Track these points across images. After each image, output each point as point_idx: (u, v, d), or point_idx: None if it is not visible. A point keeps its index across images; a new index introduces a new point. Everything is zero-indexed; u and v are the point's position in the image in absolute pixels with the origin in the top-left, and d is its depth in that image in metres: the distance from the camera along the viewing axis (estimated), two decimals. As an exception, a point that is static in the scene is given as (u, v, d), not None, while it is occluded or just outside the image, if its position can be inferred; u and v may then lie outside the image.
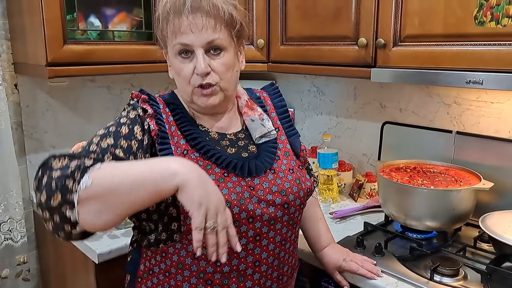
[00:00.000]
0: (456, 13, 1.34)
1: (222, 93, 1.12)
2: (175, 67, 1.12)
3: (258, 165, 1.13)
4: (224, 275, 1.09)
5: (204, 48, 1.07)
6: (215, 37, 1.07)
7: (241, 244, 1.05)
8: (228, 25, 1.09)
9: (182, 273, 1.10)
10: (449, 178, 1.61)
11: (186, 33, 1.05)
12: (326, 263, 1.40)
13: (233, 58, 1.13)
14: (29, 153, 1.98)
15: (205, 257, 1.06)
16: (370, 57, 1.56)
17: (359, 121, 2.11)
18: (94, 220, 0.86)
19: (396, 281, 1.34)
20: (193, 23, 1.05)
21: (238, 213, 1.05)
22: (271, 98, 1.32)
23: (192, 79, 1.09)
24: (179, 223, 1.05)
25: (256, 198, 1.09)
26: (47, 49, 1.61)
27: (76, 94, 2.08)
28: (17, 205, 1.84)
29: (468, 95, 1.72)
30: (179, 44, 1.07)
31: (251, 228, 1.08)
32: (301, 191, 1.17)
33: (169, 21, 1.07)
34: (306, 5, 1.74)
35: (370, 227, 1.65)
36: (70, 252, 1.74)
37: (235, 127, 1.22)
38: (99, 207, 0.85)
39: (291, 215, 1.15)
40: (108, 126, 1.07)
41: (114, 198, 0.86)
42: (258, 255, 1.11)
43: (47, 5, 1.58)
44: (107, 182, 0.85)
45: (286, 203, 1.13)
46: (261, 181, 1.12)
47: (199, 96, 1.11)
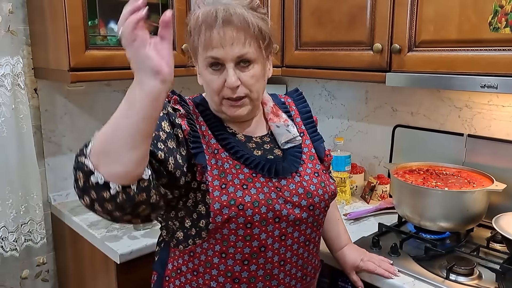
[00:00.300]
0: (471, 19, 1.38)
1: (251, 104, 1.16)
2: (205, 78, 1.15)
3: (285, 167, 1.17)
4: (251, 273, 1.12)
5: (234, 62, 1.10)
6: (245, 52, 1.09)
7: (267, 244, 1.10)
8: (257, 39, 1.11)
9: (210, 272, 1.13)
10: (462, 180, 1.65)
11: (217, 48, 1.08)
12: (344, 263, 1.44)
13: (262, 69, 1.16)
14: (47, 156, 2.02)
15: (233, 256, 1.10)
16: (385, 62, 1.60)
17: (370, 124, 2.16)
18: (115, 167, 0.85)
19: (412, 280, 1.37)
20: (223, 38, 1.07)
21: (266, 212, 1.09)
22: (296, 104, 1.35)
23: (222, 91, 1.12)
24: (207, 220, 1.08)
25: (283, 199, 1.12)
26: (70, 55, 1.65)
27: (92, 98, 2.12)
28: (37, 207, 1.88)
29: (480, 98, 1.76)
30: (210, 57, 1.10)
31: (277, 228, 1.11)
32: (326, 194, 1.20)
33: (201, 34, 1.09)
34: (321, 11, 1.78)
35: (384, 228, 1.69)
36: (90, 253, 1.78)
37: (261, 131, 1.25)
38: (110, 152, 0.85)
39: (315, 217, 1.19)
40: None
41: (118, 134, 0.85)
42: (283, 255, 1.14)
43: (71, 12, 1.63)
44: (103, 132, 0.87)
45: (312, 205, 1.16)
46: (288, 182, 1.15)
47: (228, 107, 1.14)
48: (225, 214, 1.05)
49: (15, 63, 1.76)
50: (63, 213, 1.94)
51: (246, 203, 1.07)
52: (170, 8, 1.88)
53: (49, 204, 2.04)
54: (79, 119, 2.09)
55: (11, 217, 1.80)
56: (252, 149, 1.19)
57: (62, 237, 2.01)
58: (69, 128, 2.07)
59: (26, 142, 1.83)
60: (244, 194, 1.08)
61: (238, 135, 1.20)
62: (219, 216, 1.05)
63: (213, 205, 1.05)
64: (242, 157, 1.13)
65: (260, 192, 1.10)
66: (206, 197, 1.08)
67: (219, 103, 1.15)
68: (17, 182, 1.81)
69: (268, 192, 1.11)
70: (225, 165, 1.12)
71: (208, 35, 1.08)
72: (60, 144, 2.05)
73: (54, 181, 2.05)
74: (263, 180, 1.13)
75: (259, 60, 1.14)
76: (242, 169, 1.12)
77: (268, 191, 1.11)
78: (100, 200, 0.87)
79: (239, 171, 1.12)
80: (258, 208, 1.08)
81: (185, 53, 1.94)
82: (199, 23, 1.09)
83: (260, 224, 1.09)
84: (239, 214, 1.06)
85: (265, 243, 1.11)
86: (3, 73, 1.73)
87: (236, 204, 1.06)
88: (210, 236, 1.09)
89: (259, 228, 1.09)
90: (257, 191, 1.10)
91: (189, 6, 1.92)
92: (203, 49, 1.10)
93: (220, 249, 1.10)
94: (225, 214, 1.05)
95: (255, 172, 1.13)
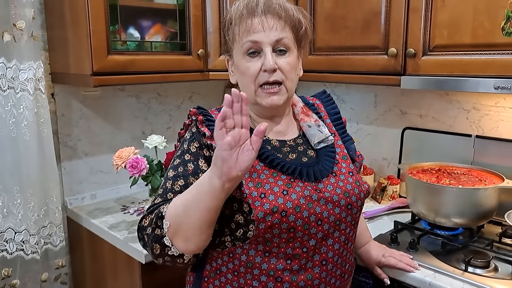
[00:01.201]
0: (484, 25, 1.46)
1: (286, 94, 1.18)
2: (240, 68, 1.18)
3: (321, 169, 1.18)
4: (293, 272, 1.13)
5: (272, 46, 1.14)
6: (283, 36, 1.14)
7: (310, 245, 1.13)
8: (294, 28, 1.18)
9: (252, 272, 1.13)
10: (473, 178, 1.72)
11: (257, 31, 1.13)
12: (367, 258, 1.49)
13: (296, 60, 1.21)
14: (63, 161, 2.04)
15: (276, 255, 1.12)
16: (399, 66, 1.67)
17: (379, 127, 2.23)
18: (188, 246, 1.05)
19: (433, 273, 1.43)
20: (264, 22, 1.13)
21: (308, 216, 1.11)
22: (324, 106, 1.37)
23: (258, 76, 1.15)
24: (245, 229, 1.10)
25: (324, 200, 1.14)
26: (93, 59, 1.69)
27: (107, 103, 2.15)
28: (56, 210, 1.90)
29: (487, 101, 1.84)
30: (249, 41, 1.14)
31: (320, 230, 1.13)
32: (362, 192, 1.22)
33: (242, 22, 1.15)
34: (334, 17, 1.84)
35: (400, 225, 1.75)
36: (111, 255, 1.81)
37: (292, 132, 1.27)
38: (184, 234, 1.03)
39: (353, 216, 1.21)
40: (176, 165, 1.16)
41: (188, 221, 1.02)
42: (325, 254, 1.16)
43: (94, 18, 1.67)
44: (176, 214, 1.03)
45: (350, 204, 1.18)
46: (325, 184, 1.16)
47: (263, 96, 1.16)
48: (269, 221, 1.07)
49: (37, 68, 1.79)
50: (80, 216, 1.97)
51: (289, 209, 1.08)
52: (186, 13, 1.94)
53: (65, 207, 2.06)
54: (94, 123, 2.12)
55: (33, 220, 1.82)
56: (287, 153, 1.20)
57: (79, 240, 2.03)
58: (84, 132, 2.10)
59: (46, 145, 1.85)
60: (286, 200, 1.09)
61: (272, 141, 1.22)
62: (262, 224, 1.07)
63: (256, 214, 1.07)
64: (278, 165, 1.15)
65: (301, 196, 1.11)
66: (243, 206, 1.10)
67: (254, 92, 1.17)
68: (38, 185, 1.83)
69: (309, 195, 1.13)
70: (261, 176, 1.13)
71: (250, 22, 1.14)
72: (76, 148, 2.08)
73: (69, 185, 2.07)
74: (302, 184, 1.14)
75: (294, 51, 1.19)
76: (279, 176, 1.14)
77: (309, 194, 1.13)
78: (173, 262, 1.09)
79: (277, 178, 1.13)
80: (300, 213, 1.09)
81: (200, 58, 1.99)
82: (240, 10, 1.15)
83: (303, 228, 1.10)
84: (282, 221, 1.08)
85: (308, 244, 1.12)
86: (26, 77, 1.76)
87: (279, 211, 1.07)
88: (252, 240, 1.11)
89: (301, 231, 1.10)
90: (297, 195, 1.11)
91: (205, 13, 1.97)
92: (243, 33, 1.15)
93: (263, 249, 1.12)
94: (268, 221, 1.07)
95: (293, 177, 1.15)
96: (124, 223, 1.85)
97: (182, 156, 1.17)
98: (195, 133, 1.18)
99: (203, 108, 1.21)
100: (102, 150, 2.16)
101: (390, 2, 1.66)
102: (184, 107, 2.42)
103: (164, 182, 1.16)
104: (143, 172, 1.69)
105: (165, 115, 2.37)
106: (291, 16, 1.16)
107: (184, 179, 1.12)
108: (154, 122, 2.33)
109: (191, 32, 1.96)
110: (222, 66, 2.00)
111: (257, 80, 1.16)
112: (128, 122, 2.23)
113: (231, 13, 1.18)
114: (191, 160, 1.15)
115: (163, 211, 1.05)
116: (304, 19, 1.20)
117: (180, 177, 1.13)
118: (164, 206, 1.06)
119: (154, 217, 1.06)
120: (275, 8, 1.14)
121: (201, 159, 1.15)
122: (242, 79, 1.19)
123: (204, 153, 1.15)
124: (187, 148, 1.17)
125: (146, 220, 1.10)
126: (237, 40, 1.17)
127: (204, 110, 1.20)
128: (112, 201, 2.14)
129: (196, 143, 1.16)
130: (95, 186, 2.16)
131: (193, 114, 1.20)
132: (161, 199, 1.12)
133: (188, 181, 1.12)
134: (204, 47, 2.00)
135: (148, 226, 1.08)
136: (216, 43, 2.01)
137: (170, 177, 1.15)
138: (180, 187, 1.11)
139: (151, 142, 1.79)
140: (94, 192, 2.15)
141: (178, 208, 1.03)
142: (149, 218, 1.09)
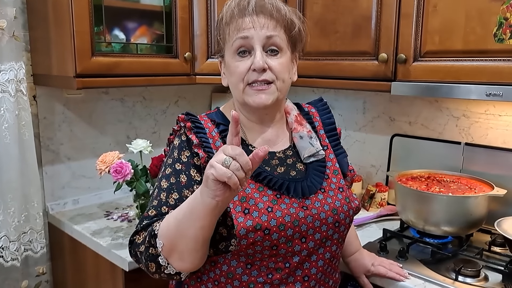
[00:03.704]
0: (476, 31, 1.44)
1: (276, 93, 1.13)
2: (231, 68, 1.14)
3: (309, 185, 1.15)
4: (274, 286, 1.10)
5: (262, 44, 1.11)
6: (275, 34, 1.11)
7: (293, 261, 1.10)
8: (287, 29, 1.14)
9: (232, 283, 1.11)
10: (463, 186, 1.71)
11: (248, 28, 1.10)
12: (355, 267, 1.46)
13: (289, 62, 1.17)
14: (45, 165, 1.98)
15: (258, 267, 1.09)
16: (390, 72, 1.65)
17: (368, 134, 2.21)
18: (185, 264, 1.03)
19: (423, 282, 1.41)
20: (255, 21, 1.10)
21: (292, 234, 1.08)
22: (320, 114, 1.33)
23: (247, 75, 1.11)
24: (228, 243, 1.08)
25: (311, 218, 1.11)
26: (77, 61, 1.64)
27: (91, 106, 2.10)
28: (37, 216, 1.84)
29: (477, 108, 1.84)
30: (239, 38, 1.11)
31: (304, 248, 1.11)
32: (351, 210, 1.19)
33: (232, 21, 1.12)
34: (324, 22, 1.82)
35: (389, 234, 1.72)
36: (94, 262, 1.76)
37: (283, 142, 1.23)
38: (179, 253, 1.01)
39: (340, 233, 1.18)
40: (168, 174, 1.13)
41: (182, 240, 1.00)
42: (308, 270, 1.13)
43: (78, 18, 1.62)
44: (170, 233, 1.01)
45: (337, 221, 1.15)
46: (313, 200, 1.13)
47: (251, 94, 1.12)
48: (251, 238, 1.04)
49: (18, 69, 1.73)
50: (62, 222, 1.91)
51: (272, 227, 1.05)
52: (173, 16, 1.90)
53: (46, 213, 2.00)
54: (77, 127, 2.07)
55: (13, 226, 1.76)
56: (275, 166, 1.17)
57: (60, 246, 1.97)
58: (67, 136, 2.04)
59: (27, 149, 1.79)
60: (270, 218, 1.06)
61: None
62: (244, 240, 1.04)
63: (238, 231, 1.04)
64: (265, 179, 1.11)
65: (286, 214, 1.08)
66: (227, 219, 1.07)
67: (241, 91, 1.13)
68: (19, 190, 1.77)
69: (294, 212, 1.09)
70: (247, 190, 1.09)
71: (241, 20, 1.11)
72: (58, 152, 2.02)
73: (51, 190, 2.02)
74: (288, 201, 1.11)
75: (286, 52, 1.15)
76: (265, 191, 1.11)
77: (295, 211, 1.10)
78: (170, 279, 1.08)
79: (263, 193, 1.10)
80: (284, 231, 1.07)
81: (187, 62, 1.95)
82: (231, 9, 1.12)
83: (286, 245, 1.08)
84: (265, 238, 1.05)
85: (291, 260, 1.10)
86: (7, 78, 1.70)
87: (262, 228, 1.05)
88: (234, 252, 1.08)
89: (285, 249, 1.08)
90: (282, 213, 1.08)
91: (192, 16, 1.94)
92: (233, 32, 1.12)
93: (245, 261, 1.09)
94: (250, 238, 1.04)
95: (279, 193, 1.11)
96: (108, 230, 1.80)
97: (173, 165, 1.14)
98: (184, 141, 1.15)
99: (192, 114, 1.18)
100: (85, 155, 2.11)
101: (381, 7, 1.64)
102: (170, 111, 2.38)
103: (158, 192, 1.12)
104: (128, 177, 1.64)
105: (150, 120, 2.32)
106: (283, 16, 1.13)
107: (178, 191, 1.10)
108: (139, 127, 2.28)
109: (177, 35, 1.92)
110: (209, 70, 1.99)
111: (245, 78, 1.12)
112: (112, 126, 2.18)
113: (223, 13, 1.15)
114: (182, 170, 1.12)
115: (155, 229, 1.03)
116: (298, 20, 1.17)
117: (174, 189, 1.11)
118: (157, 224, 1.04)
119: (147, 235, 1.04)
120: (267, 7, 1.11)
121: (192, 168, 1.13)
122: (231, 78, 1.16)
123: (195, 162, 1.13)
124: (177, 157, 1.14)
125: (139, 237, 1.08)
126: (228, 39, 1.14)
127: (192, 117, 1.17)
128: (95, 207, 2.09)
129: (187, 152, 1.14)
130: (77, 191, 2.10)
131: (182, 121, 1.17)
132: (156, 212, 1.10)
133: (182, 194, 1.10)
134: (191, 50, 1.97)
135: (141, 244, 1.06)
136: (203, 46, 1.97)
137: (164, 188, 1.12)
138: (175, 201, 1.10)
139: (136, 147, 1.75)
140: (76, 197, 2.09)
141: (171, 226, 1.01)
142: (142, 235, 1.08)
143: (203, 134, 1.14)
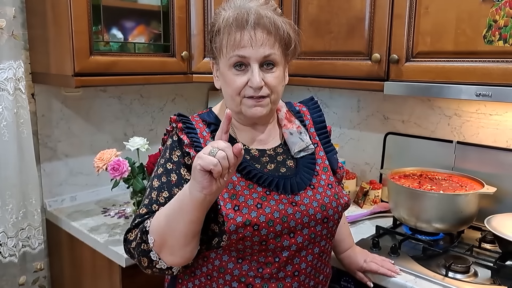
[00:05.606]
0: (466, 33, 1.48)
1: (270, 105, 1.17)
2: (226, 78, 1.15)
3: (298, 182, 1.18)
4: (264, 280, 1.13)
5: (259, 62, 1.12)
6: (272, 52, 1.12)
7: (282, 255, 1.13)
8: (284, 43, 1.15)
9: (224, 277, 1.14)
10: (454, 184, 1.74)
11: (245, 47, 1.10)
12: (348, 264, 1.49)
13: (283, 73, 1.19)
14: (43, 162, 2.01)
15: (249, 262, 1.13)
16: (383, 71, 1.68)
17: (362, 132, 2.24)
18: (175, 259, 1.07)
19: (414, 278, 1.44)
20: (253, 39, 1.09)
21: (281, 230, 1.11)
22: (311, 113, 1.36)
23: (243, 90, 1.13)
24: (219, 238, 1.10)
25: (299, 214, 1.13)
26: (75, 60, 1.66)
27: (88, 104, 2.12)
28: (35, 212, 1.86)
29: (468, 107, 1.87)
30: (236, 56, 1.11)
31: (293, 243, 1.13)
32: (340, 206, 1.22)
33: (230, 34, 1.11)
34: (319, 22, 1.85)
35: (382, 230, 1.76)
36: (91, 258, 1.78)
37: (274, 140, 1.26)
38: (169, 247, 1.05)
39: (329, 229, 1.21)
40: (160, 174, 1.16)
41: (172, 234, 1.03)
42: (298, 265, 1.16)
43: (76, 18, 1.64)
44: (160, 228, 1.05)
45: (326, 217, 1.18)
46: (302, 197, 1.16)
47: (248, 107, 1.15)
48: (241, 233, 1.07)
49: (17, 67, 1.75)
50: (60, 218, 1.93)
51: (261, 223, 1.08)
52: (170, 15, 1.92)
53: (44, 210, 2.02)
54: (75, 124, 2.09)
55: (11, 222, 1.78)
56: (265, 164, 1.20)
57: (58, 243, 1.99)
58: (65, 134, 2.07)
59: (25, 146, 1.82)
60: (259, 214, 1.09)
61: (252, 150, 1.21)
62: (234, 235, 1.07)
63: (228, 227, 1.07)
64: (254, 177, 1.14)
65: (275, 210, 1.11)
66: (218, 216, 1.10)
67: (239, 103, 1.15)
68: (17, 187, 1.80)
69: (283, 208, 1.12)
70: (237, 188, 1.12)
71: (239, 35, 1.10)
72: (56, 149, 2.04)
73: (49, 187, 2.04)
74: (277, 197, 1.14)
75: (281, 64, 1.17)
76: (255, 188, 1.14)
77: (284, 207, 1.13)
78: (162, 274, 1.11)
79: (252, 190, 1.13)
80: (273, 227, 1.09)
81: (184, 61, 1.98)
82: (229, 23, 1.11)
83: (275, 240, 1.11)
84: (254, 234, 1.08)
85: (280, 254, 1.13)
86: (6, 77, 1.72)
87: (251, 224, 1.07)
88: (225, 247, 1.11)
89: (273, 244, 1.11)
90: (271, 209, 1.11)
91: (189, 15, 1.96)
92: (231, 48, 1.11)
93: (236, 255, 1.13)
94: (240, 234, 1.07)
95: (269, 190, 1.14)
96: (105, 226, 1.83)
97: (164, 165, 1.17)
98: (176, 141, 1.18)
99: (183, 115, 1.21)
100: (82, 152, 2.13)
101: (374, 8, 1.67)
102: (167, 109, 2.40)
103: (150, 192, 1.16)
104: (125, 174, 1.67)
105: (147, 117, 2.35)
106: (281, 34, 1.13)
107: (168, 190, 1.13)
108: (136, 124, 2.31)
109: (175, 34, 1.94)
110: (206, 68, 2.01)
111: (241, 93, 1.14)
112: (109, 124, 2.21)
113: (219, 23, 1.14)
114: (173, 169, 1.15)
115: (146, 226, 1.07)
116: (295, 35, 1.18)
117: (164, 188, 1.14)
118: (148, 221, 1.08)
119: (139, 231, 1.09)
120: (265, 24, 1.11)
121: (183, 167, 1.15)
122: (227, 89, 1.17)
123: (186, 161, 1.16)
124: (169, 156, 1.18)
125: (132, 234, 1.13)
126: (224, 53, 1.14)
127: (184, 117, 1.20)
128: (92, 204, 2.11)
129: (178, 152, 1.17)
130: (75, 188, 2.13)
131: (174, 121, 1.20)
132: (147, 210, 1.14)
133: (172, 192, 1.12)
134: (188, 49, 1.99)
135: (133, 241, 1.10)
136: (200, 45, 2.00)
137: (155, 187, 1.15)
138: (165, 199, 1.12)
139: (133, 144, 1.78)
140: (74, 194, 2.12)
141: (161, 222, 1.05)
142: (134, 232, 1.12)
143: (194, 134, 1.17)
